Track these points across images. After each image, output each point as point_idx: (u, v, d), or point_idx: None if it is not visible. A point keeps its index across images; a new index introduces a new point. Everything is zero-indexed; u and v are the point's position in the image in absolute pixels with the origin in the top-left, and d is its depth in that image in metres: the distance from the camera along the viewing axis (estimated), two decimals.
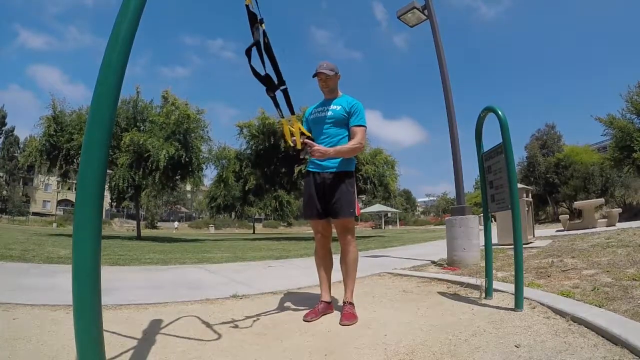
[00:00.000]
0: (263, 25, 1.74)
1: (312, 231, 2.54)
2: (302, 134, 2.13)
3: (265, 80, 1.82)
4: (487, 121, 2.52)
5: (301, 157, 2.13)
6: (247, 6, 1.68)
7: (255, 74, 1.79)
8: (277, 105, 1.94)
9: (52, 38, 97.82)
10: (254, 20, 1.72)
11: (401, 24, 5.76)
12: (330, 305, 2.34)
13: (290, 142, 2.12)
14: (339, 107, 2.33)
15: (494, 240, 4.04)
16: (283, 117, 2.03)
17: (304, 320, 2.14)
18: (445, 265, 4.27)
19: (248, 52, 1.76)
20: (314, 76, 2.35)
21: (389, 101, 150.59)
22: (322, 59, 2.72)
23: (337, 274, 2.43)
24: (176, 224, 47.56)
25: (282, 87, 1.86)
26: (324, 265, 2.41)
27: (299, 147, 2.09)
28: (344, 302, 2.30)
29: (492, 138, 2.48)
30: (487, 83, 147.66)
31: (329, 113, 2.33)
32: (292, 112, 2.02)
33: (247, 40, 1.69)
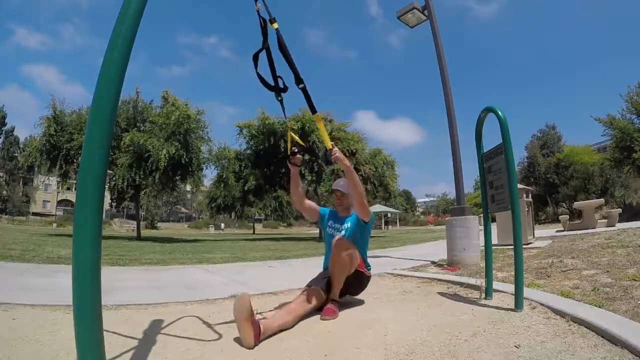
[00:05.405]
0: (275, 24, 1.74)
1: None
2: (294, 142, 2.31)
3: (272, 87, 1.87)
4: (487, 121, 2.52)
5: (324, 160, 2.27)
6: (257, 12, 1.68)
7: (262, 80, 1.84)
8: (283, 109, 2.05)
9: (49, 38, 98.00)
10: (265, 26, 1.72)
11: (398, 22, 5.76)
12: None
13: (290, 149, 2.29)
14: (349, 224, 2.52)
15: (494, 240, 4.04)
16: (290, 130, 2.27)
17: None
18: (445, 266, 4.27)
19: (255, 58, 1.79)
20: (330, 192, 2.60)
21: (386, 101, 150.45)
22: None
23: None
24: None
25: (300, 86, 1.90)
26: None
27: (289, 150, 2.29)
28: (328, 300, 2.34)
29: (492, 138, 2.48)
30: (487, 83, 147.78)
31: (342, 232, 2.49)
32: (314, 111, 2.05)
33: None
